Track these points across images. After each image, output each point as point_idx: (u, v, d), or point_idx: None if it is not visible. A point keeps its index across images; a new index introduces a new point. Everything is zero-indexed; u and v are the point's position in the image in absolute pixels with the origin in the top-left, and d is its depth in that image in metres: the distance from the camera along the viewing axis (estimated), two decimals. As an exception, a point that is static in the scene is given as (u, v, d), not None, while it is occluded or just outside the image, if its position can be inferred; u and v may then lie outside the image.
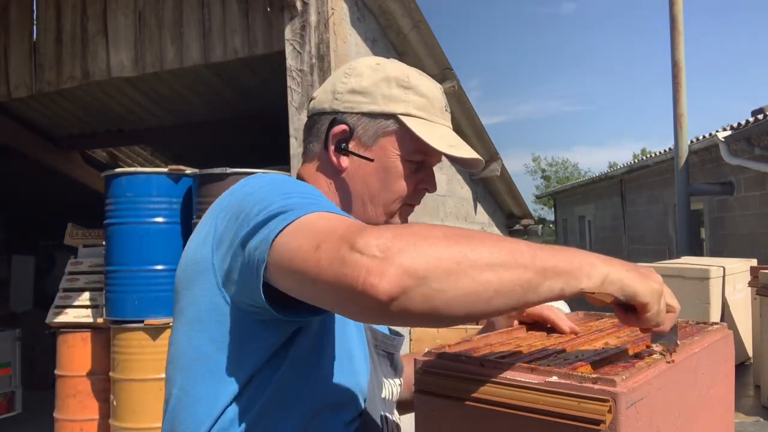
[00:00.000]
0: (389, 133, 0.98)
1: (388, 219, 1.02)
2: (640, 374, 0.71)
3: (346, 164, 0.99)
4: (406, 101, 0.98)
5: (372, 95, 0.98)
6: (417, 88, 0.99)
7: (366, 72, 1.00)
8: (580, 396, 0.66)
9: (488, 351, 0.87)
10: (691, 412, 0.84)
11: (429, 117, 0.99)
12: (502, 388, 0.71)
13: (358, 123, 0.99)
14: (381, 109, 0.98)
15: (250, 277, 0.76)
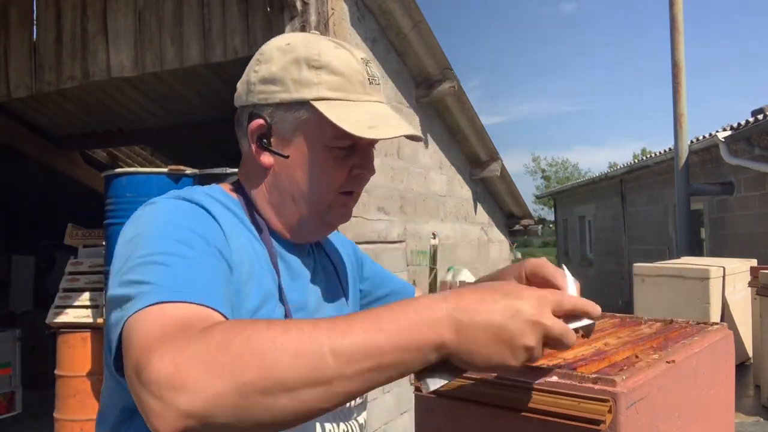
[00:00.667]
0: (306, 121, 0.90)
1: (324, 213, 0.94)
2: (640, 374, 0.71)
3: (269, 161, 0.93)
4: (318, 83, 0.89)
5: (283, 82, 0.90)
6: (330, 66, 0.89)
7: (275, 56, 0.92)
8: (580, 396, 0.66)
9: None
10: (691, 412, 0.84)
11: (346, 96, 0.90)
12: (501, 389, 0.71)
13: (274, 115, 0.91)
14: (292, 97, 0.89)
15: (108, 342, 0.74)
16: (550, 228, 30.00)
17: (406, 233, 4.63)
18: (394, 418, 4.23)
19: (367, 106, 0.91)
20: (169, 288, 0.69)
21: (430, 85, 4.80)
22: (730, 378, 1.02)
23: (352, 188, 0.95)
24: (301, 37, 0.93)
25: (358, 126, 0.86)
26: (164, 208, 0.85)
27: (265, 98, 0.91)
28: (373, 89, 0.94)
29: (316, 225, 0.96)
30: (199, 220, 0.83)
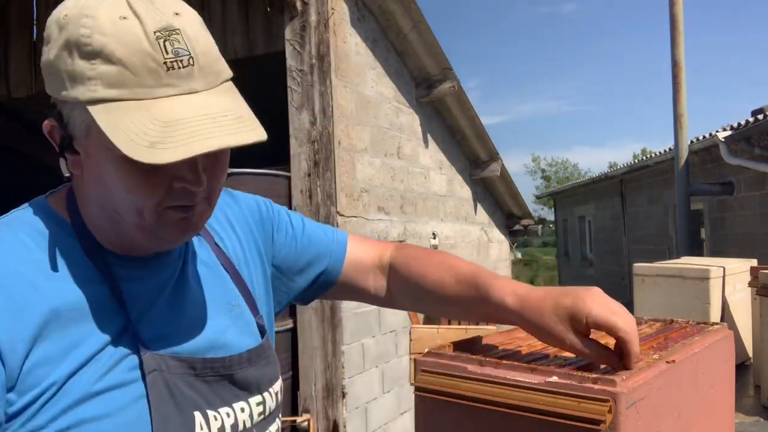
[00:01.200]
0: (90, 125, 0.68)
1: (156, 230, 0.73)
2: (640, 374, 0.71)
3: (78, 169, 0.75)
4: (92, 77, 0.65)
5: (58, 74, 0.68)
6: (105, 51, 0.65)
7: (53, 35, 0.69)
8: (580, 396, 0.66)
9: (489, 351, 0.87)
10: (691, 413, 0.84)
11: (131, 94, 0.65)
12: (501, 388, 0.71)
13: (63, 113, 0.71)
14: (69, 96, 0.67)
15: None
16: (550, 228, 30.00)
17: (406, 233, 4.63)
18: (394, 418, 4.23)
19: (160, 106, 0.66)
20: None
21: (430, 85, 4.80)
22: (731, 378, 1.02)
23: (179, 202, 0.72)
24: (77, 5, 0.68)
25: (132, 143, 0.63)
26: None
27: (51, 91, 0.71)
28: (177, 76, 0.67)
29: (150, 241, 0.75)
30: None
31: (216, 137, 0.65)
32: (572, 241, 17.68)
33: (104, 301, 0.73)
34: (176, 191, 0.71)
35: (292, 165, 3.62)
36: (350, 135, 3.81)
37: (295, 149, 3.59)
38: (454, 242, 5.71)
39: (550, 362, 0.80)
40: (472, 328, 3.87)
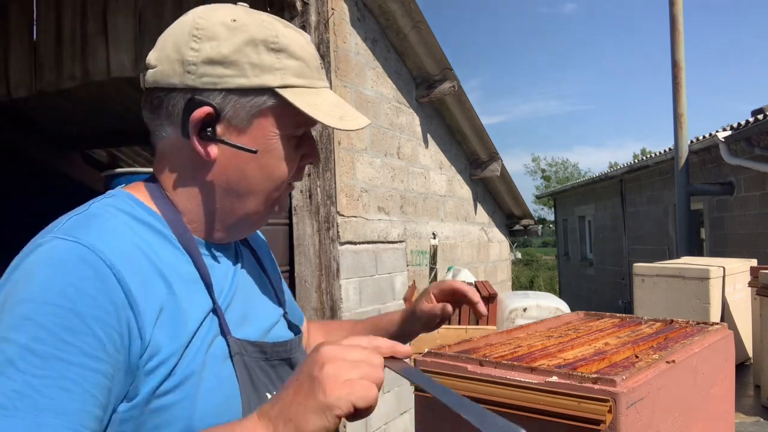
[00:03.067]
0: (266, 110, 0.81)
1: (272, 206, 0.87)
2: (640, 374, 0.71)
3: (215, 154, 0.81)
4: (281, 69, 0.80)
5: (238, 65, 0.79)
6: (289, 49, 0.81)
7: (222, 34, 0.79)
8: (580, 396, 0.66)
9: (488, 351, 0.87)
10: (691, 412, 0.84)
11: (308, 83, 0.83)
12: (501, 388, 0.71)
13: (225, 102, 0.80)
14: (252, 83, 0.79)
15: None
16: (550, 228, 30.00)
17: (406, 233, 4.63)
18: (394, 418, 4.23)
19: (325, 93, 0.85)
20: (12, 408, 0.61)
21: (430, 85, 4.80)
22: (730, 378, 1.02)
23: (297, 179, 0.89)
24: (248, 14, 0.82)
25: (329, 116, 0.81)
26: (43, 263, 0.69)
27: (214, 83, 0.79)
28: (323, 73, 0.87)
29: (259, 219, 0.88)
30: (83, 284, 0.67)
31: (362, 118, 0.86)
32: (572, 241, 17.68)
33: (196, 283, 0.81)
34: (299, 170, 0.88)
35: (292, 165, 3.62)
36: (350, 135, 3.81)
37: (295, 149, 3.59)
38: (454, 242, 5.71)
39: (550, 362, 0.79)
40: (472, 328, 3.87)
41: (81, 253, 0.69)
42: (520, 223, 7.34)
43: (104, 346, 0.67)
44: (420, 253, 4.92)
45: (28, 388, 0.61)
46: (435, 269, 5.05)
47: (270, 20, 0.83)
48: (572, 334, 1.01)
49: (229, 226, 0.86)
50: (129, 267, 0.72)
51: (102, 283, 0.68)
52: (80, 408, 0.64)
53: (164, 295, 0.75)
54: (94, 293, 0.67)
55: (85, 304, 0.66)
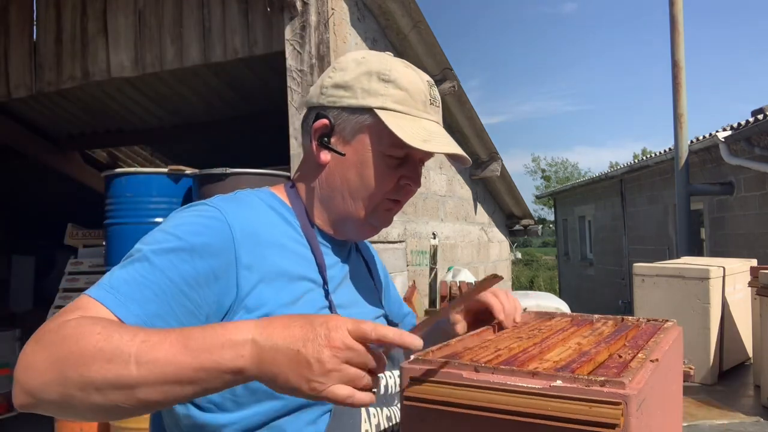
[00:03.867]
0: (366, 127, 0.97)
1: (369, 214, 1.01)
2: (638, 375, 0.71)
3: (326, 158, 1.00)
4: (384, 95, 0.97)
5: (352, 89, 0.98)
6: (397, 81, 0.98)
7: (350, 66, 1.00)
8: (591, 400, 0.65)
9: (472, 355, 0.84)
10: (666, 408, 0.85)
11: (407, 111, 0.98)
12: (502, 395, 0.69)
13: (338, 117, 0.98)
14: (359, 103, 0.97)
15: None
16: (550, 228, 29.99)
17: (406, 233, 4.63)
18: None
19: (423, 122, 0.98)
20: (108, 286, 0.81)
21: (430, 85, 4.79)
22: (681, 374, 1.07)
23: (398, 197, 1.02)
24: (377, 54, 1.01)
25: (413, 137, 0.94)
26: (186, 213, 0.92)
27: (334, 101, 0.98)
28: (432, 110, 1.01)
29: (361, 224, 1.02)
30: (204, 230, 0.88)
31: (455, 147, 0.99)
32: (572, 241, 17.68)
33: (309, 261, 0.97)
34: (399, 187, 1.01)
35: (292, 165, 3.61)
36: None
37: (295, 149, 3.59)
38: (454, 242, 5.71)
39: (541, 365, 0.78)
40: (472, 328, 3.86)
41: (213, 213, 0.91)
42: (520, 223, 7.34)
43: (198, 277, 0.84)
44: (420, 253, 4.92)
45: (132, 281, 0.81)
46: (435, 269, 5.05)
47: (391, 60, 1.00)
48: (539, 335, 1.00)
49: (336, 224, 1.02)
50: (246, 231, 0.90)
51: (218, 235, 0.88)
52: (157, 311, 0.80)
53: (275, 259, 0.92)
54: (209, 241, 0.87)
55: (199, 245, 0.86)
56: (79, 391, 0.70)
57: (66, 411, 0.73)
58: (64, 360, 0.71)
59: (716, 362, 3.14)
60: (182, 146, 7.00)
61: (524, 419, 0.67)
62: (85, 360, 0.70)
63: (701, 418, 2.64)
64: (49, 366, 0.71)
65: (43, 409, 0.73)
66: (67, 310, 0.78)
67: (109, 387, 0.70)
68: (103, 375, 0.70)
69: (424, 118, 0.99)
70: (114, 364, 0.69)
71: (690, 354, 3.11)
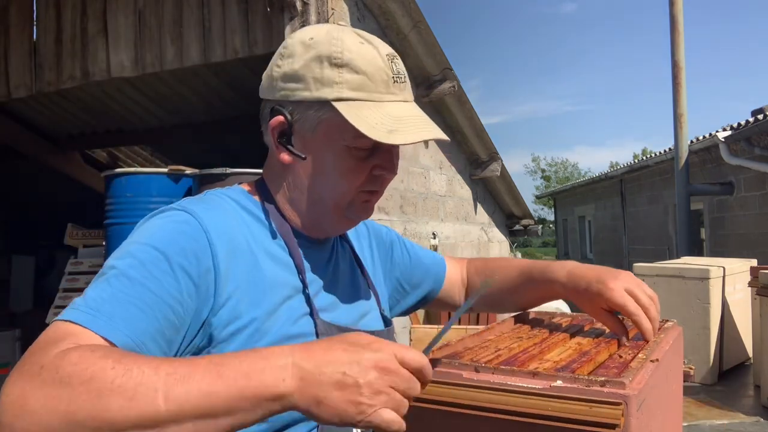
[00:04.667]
0: (326, 121, 0.87)
1: (344, 210, 0.93)
2: (639, 375, 0.71)
3: (288, 159, 0.91)
4: (339, 83, 0.86)
5: (304, 80, 0.88)
6: (352, 64, 0.86)
7: (298, 51, 0.89)
8: (591, 400, 0.64)
9: (472, 355, 0.84)
10: (666, 408, 0.85)
11: (368, 96, 0.87)
12: (504, 395, 0.69)
13: (295, 113, 0.89)
14: (313, 96, 0.87)
15: None
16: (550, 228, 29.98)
17: (406, 233, 4.63)
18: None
19: (389, 107, 0.88)
20: (87, 307, 0.73)
21: (430, 85, 4.80)
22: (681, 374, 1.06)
23: (373, 188, 0.93)
24: (325, 31, 0.90)
25: (376, 130, 0.84)
26: (155, 224, 0.84)
27: (287, 95, 0.89)
28: (398, 88, 0.90)
29: (337, 221, 0.95)
30: (178, 237, 0.81)
31: (427, 131, 0.87)
32: (572, 241, 17.68)
33: (287, 264, 0.90)
34: (373, 178, 0.91)
35: (292, 165, 3.61)
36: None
37: (295, 149, 3.59)
38: (454, 242, 5.71)
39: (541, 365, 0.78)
40: (472, 328, 3.87)
41: (186, 218, 0.84)
42: (520, 223, 7.34)
43: (181, 289, 0.78)
44: (420, 253, 4.92)
45: (113, 299, 0.74)
46: (435, 269, 5.05)
47: (344, 37, 0.88)
48: (539, 335, 1.00)
49: (311, 224, 0.95)
50: (221, 237, 0.84)
51: (194, 242, 0.81)
52: (146, 328, 0.74)
53: (250, 267, 0.85)
54: (186, 247, 0.80)
55: (176, 253, 0.79)
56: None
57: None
58: (73, 400, 0.61)
59: (716, 362, 3.14)
60: (182, 146, 7.00)
61: (524, 419, 0.66)
62: (101, 399, 0.61)
63: (701, 418, 2.64)
64: (52, 408, 0.61)
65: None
66: (49, 341, 0.68)
67: (131, 427, 0.61)
68: (125, 414, 0.60)
69: (389, 100, 0.88)
70: (137, 402, 0.61)
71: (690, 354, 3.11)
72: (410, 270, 1.18)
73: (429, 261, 1.22)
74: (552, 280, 1.04)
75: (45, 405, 0.61)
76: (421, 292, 1.20)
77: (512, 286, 1.13)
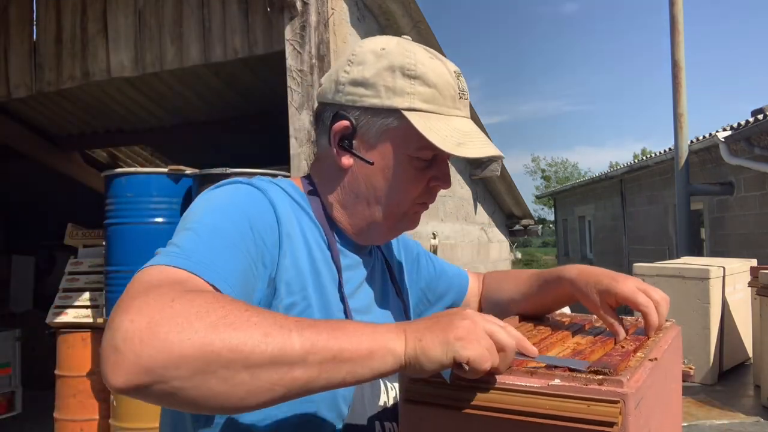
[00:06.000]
0: (393, 130, 0.90)
1: (397, 221, 0.96)
2: (637, 373, 0.71)
3: (349, 163, 0.93)
4: (411, 93, 0.89)
5: (375, 87, 0.90)
6: (424, 77, 0.89)
7: (369, 59, 0.91)
8: (588, 398, 0.64)
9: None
10: (665, 407, 0.85)
11: (437, 109, 0.90)
12: (502, 394, 0.69)
13: (361, 119, 0.91)
14: (383, 104, 0.89)
15: None
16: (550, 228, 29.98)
17: (406, 233, 4.63)
18: (394, 418, 4.23)
19: (455, 121, 0.91)
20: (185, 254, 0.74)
21: (430, 85, 4.79)
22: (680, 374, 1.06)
23: (427, 200, 0.96)
24: (396, 43, 0.92)
25: (447, 141, 0.87)
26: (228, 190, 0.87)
27: (354, 100, 0.91)
28: (462, 104, 0.93)
29: (387, 230, 0.97)
30: (253, 203, 0.85)
31: (490, 147, 0.91)
32: (572, 241, 17.68)
33: (327, 262, 0.92)
34: (428, 190, 0.95)
35: (292, 165, 3.62)
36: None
37: (295, 149, 3.59)
38: (454, 242, 5.71)
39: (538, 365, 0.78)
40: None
41: (255, 192, 0.87)
42: (520, 223, 7.34)
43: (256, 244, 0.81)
44: (420, 253, 4.92)
45: (202, 245, 0.76)
46: (435, 269, 5.05)
47: (415, 50, 0.91)
48: (538, 334, 1.00)
49: (359, 229, 0.97)
50: (283, 216, 0.87)
51: (267, 212, 0.85)
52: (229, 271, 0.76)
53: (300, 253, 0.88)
54: (261, 213, 0.84)
55: (254, 216, 0.83)
56: (223, 369, 0.60)
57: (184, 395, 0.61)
58: (210, 331, 0.60)
59: (716, 362, 3.15)
60: (182, 146, 7.00)
61: (522, 418, 0.67)
62: (238, 332, 0.61)
63: (701, 418, 2.63)
64: (187, 337, 0.59)
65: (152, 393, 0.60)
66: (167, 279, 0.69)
67: (267, 363, 0.61)
68: (262, 350, 0.61)
69: (455, 115, 0.92)
70: (273, 338, 0.62)
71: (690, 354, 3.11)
72: (435, 281, 1.21)
73: (452, 273, 1.25)
74: (562, 277, 1.05)
75: (180, 333, 0.60)
76: (444, 303, 1.22)
77: (525, 290, 1.14)
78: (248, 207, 0.84)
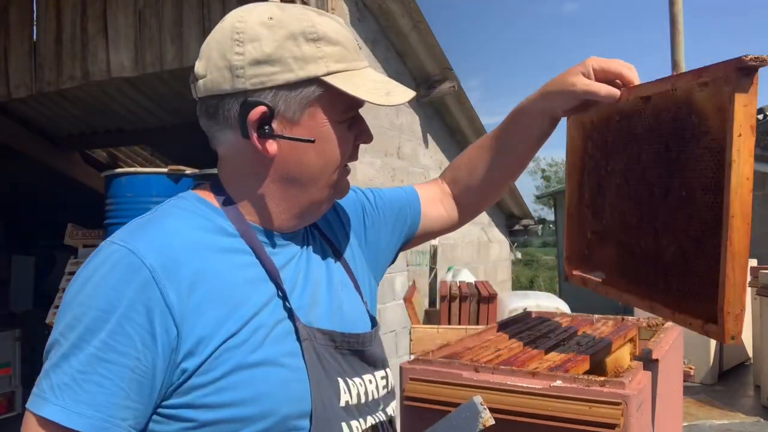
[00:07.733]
0: (316, 99, 0.84)
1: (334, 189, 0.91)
2: (638, 375, 0.71)
3: (275, 150, 0.84)
4: (322, 57, 0.83)
5: (282, 62, 0.82)
6: (326, 37, 0.83)
7: (262, 33, 0.82)
8: (591, 400, 0.64)
9: (472, 355, 0.84)
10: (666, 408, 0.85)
11: (349, 66, 0.85)
12: (502, 395, 0.69)
13: (276, 99, 0.83)
14: (298, 76, 0.82)
15: None
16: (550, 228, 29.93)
17: (406, 233, 4.62)
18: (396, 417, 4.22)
19: (367, 72, 0.88)
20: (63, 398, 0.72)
21: (430, 85, 4.79)
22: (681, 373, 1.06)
23: (353, 159, 0.92)
24: (278, 9, 0.85)
25: (375, 95, 0.84)
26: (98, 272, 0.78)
27: (262, 82, 0.82)
28: (361, 54, 0.89)
29: (327, 200, 0.92)
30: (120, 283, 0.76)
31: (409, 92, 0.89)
32: (572, 241, 17.66)
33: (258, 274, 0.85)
34: (354, 149, 0.91)
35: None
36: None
37: (295, 149, 3.59)
38: (454, 242, 5.71)
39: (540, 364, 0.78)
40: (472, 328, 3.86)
41: (128, 259, 0.77)
42: (520, 223, 7.34)
43: (135, 344, 0.74)
44: (420, 253, 4.91)
45: (72, 381, 0.73)
46: (435, 269, 5.04)
47: (303, 11, 0.85)
48: (539, 335, 1.00)
49: (297, 214, 0.90)
50: (168, 265, 0.78)
51: (141, 289, 0.76)
52: (109, 401, 0.73)
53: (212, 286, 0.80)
54: (132, 296, 0.75)
55: (123, 306, 0.75)
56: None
57: None
58: None
59: (716, 362, 3.14)
60: (182, 146, 6.99)
61: (524, 419, 0.66)
62: None
63: (701, 418, 2.63)
64: None
65: None
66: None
67: None
68: None
69: (364, 67, 0.88)
70: None
71: (690, 354, 3.10)
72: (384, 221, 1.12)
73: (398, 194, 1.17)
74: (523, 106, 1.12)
75: None
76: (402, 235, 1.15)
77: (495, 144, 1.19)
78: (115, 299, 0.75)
